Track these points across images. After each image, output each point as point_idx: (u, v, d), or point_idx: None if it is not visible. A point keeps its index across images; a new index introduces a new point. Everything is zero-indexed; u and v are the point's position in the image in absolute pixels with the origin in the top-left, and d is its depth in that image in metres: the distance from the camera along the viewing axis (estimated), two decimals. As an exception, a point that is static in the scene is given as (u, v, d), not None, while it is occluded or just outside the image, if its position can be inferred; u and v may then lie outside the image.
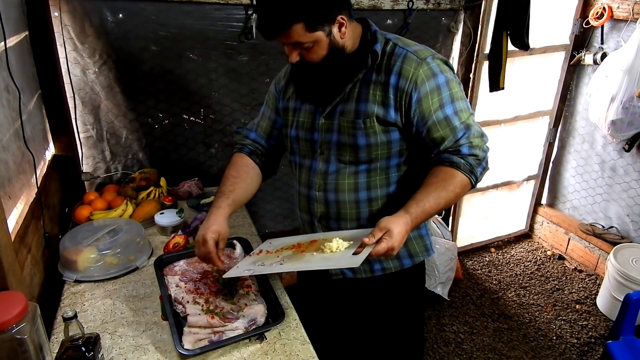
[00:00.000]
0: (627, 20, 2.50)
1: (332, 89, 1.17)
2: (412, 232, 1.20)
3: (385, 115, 1.13)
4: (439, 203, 1.08)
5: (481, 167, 1.12)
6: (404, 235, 1.04)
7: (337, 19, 1.06)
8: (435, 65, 1.12)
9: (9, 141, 1.32)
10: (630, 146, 2.57)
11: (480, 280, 2.92)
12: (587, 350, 2.36)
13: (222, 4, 1.94)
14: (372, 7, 2.20)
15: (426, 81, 1.10)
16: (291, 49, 1.09)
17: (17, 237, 1.23)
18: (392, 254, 1.04)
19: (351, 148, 1.17)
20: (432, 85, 1.10)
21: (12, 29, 1.44)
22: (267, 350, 1.14)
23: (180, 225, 1.71)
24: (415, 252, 1.30)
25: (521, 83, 2.84)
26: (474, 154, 1.11)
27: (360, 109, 1.14)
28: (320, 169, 1.23)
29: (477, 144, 1.12)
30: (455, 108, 1.11)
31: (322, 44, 1.07)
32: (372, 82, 1.14)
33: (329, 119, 1.19)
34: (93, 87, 1.91)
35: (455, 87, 1.13)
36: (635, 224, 2.75)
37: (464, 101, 1.14)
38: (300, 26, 1.02)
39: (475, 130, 1.12)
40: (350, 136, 1.16)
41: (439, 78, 1.10)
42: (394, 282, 1.32)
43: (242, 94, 2.19)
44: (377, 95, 1.13)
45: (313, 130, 1.23)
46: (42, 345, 0.94)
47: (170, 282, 1.31)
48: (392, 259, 1.28)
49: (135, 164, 2.13)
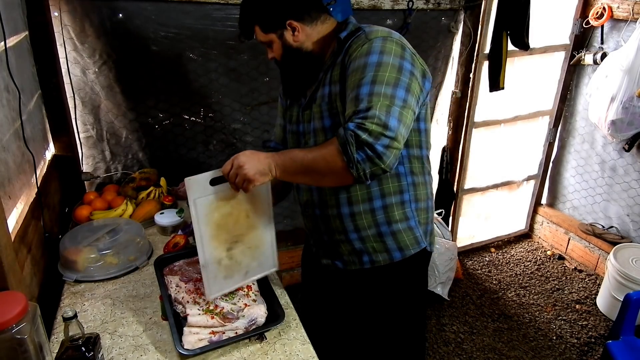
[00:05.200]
0: (627, 20, 2.50)
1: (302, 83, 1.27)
2: (399, 224, 1.24)
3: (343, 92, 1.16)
4: (306, 156, 1.06)
5: (362, 153, 0.98)
6: (252, 160, 1.05)
7: (287, 24, 1.18)
8: (378, 45, 1.08)
9: (9, 141, 1.32)
10: (630, 146, 2.57)
11: (480, 280, 2.92)
12: (587, 350, 2.36)
13: (222, 4, 1.94)
14: (372, 7, 2.20)
15: (358, 58, 1.09)
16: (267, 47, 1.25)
17: (17, 237, 1.23)
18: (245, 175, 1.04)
19: (323, 132, 1.22)
20: (361, 62, 1.07)
21: (12, 29, 1.44)
22: (267, 350, 1.14)
23: (180, 225, 1.71)
24: (405, 244, 1.27)
25: (521, 83, 2.84)
26: (355, 132, 0.98)
27: (325, 92, 1.21)
28: None
29: (369, 128, 0.97)
30: (372, 90, 1.02)
31: (276, 44, 1.22)
32: (335, 64, 1.20)
33: (307, 109, 1.26)
34: (93, 87, 1.91)
35: (388, 71, 1.04)
36: (635, 224, 2.75)
37: (392, 88, 1.02)
38: (257, 28, 1.21)
39: (378, 117, 0.98)
40: (320, 120, 1.22)
41: (372, 57, 1.06)
42: (386, 275, 1.31)
43: (242, 94, 2.19)
44: (334, 74, 1.19)
45: (298, 122, 1.31)
46: (42, 345, 0.94)
47: (170, 282, 1.31)
48: (380, 252, 1.26)
49: (135, 164, 2.13)
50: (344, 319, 1.46)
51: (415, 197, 1.26)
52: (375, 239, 1.26)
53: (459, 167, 2.89)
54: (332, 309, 1.49)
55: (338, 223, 1.27)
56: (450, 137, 2.83)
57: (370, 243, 1.27)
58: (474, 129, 2.80)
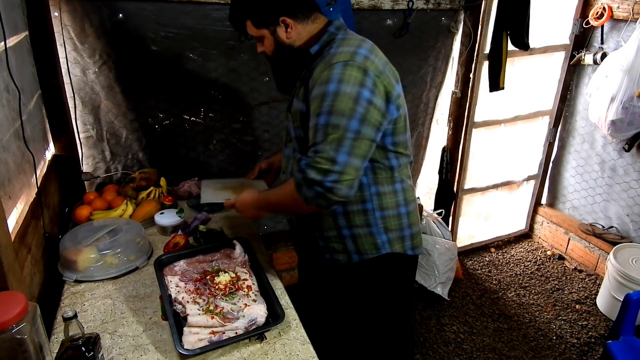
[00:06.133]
0: (627, 20, 2.50)
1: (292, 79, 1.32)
2: (360, 229, 1.30)
3: (301, 109, 1.22)
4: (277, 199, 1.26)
5: (312, 191, 1.06)
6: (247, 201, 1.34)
7: (280, 20, 1.19)
8: (338, 72, 1.09)
9: (9, 141, 1.32)
10: (630, 146, 2.57)
11: (480, 280, 2.92)
12: (587, 350, 2.36)
13: (222, 4, 1.94)
14: (372, 7, 2.19)
15: (319, 85, 1.12)
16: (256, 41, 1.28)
17: (17, 237, 1.23)
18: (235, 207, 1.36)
19: (292, 138, 1.32)
20: (321, 90, 1.10)
21: (12, 29, 1.44)
22: (267, 350, 1.14)
23: (180, 225, 1.71)
24: (363, 248, 1.32)
25: (521, 83, 2.84)
26: (304, 171, 1.06)
27: (294, 104, 1.28)
28: (287, 154, 1.39)
29: (317, 166, 1.04)
30: (328, 120, 1.06)
31: (268, 40, 1.23)
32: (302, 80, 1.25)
33: (287, 112, 1.34)
34: (93, 87, 1.91)
35: (344, 102, 1.06)
36: (635, 224, 2.75)
37: (346, 119, 1.06)
38: (249, 22, 1.23)
39: (327, 152, 1.04)
40: (290, 128, 1.32)
41: (330, 86, 1.08)
42: (347, 274, 1.39)
43: (242, 94, 2.19)
44: (300, 92, 1.25)
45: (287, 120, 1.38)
46: (42, 345, 0.94)
47: (170, 282, 1.31)
48: (340, 252, 1.36)
49: (135, 164, 2.13)
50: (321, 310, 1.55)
51: (380, 206, 1.29)
52: (336, 240, 1.34)
53: (459, 167, 2.89)
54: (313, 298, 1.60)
55: (304, 221, 1.40)
56: (450, 137, 2.83)
57: (332, 243, 1.35)
58: (474, 129, 2.80)
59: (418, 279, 2.65)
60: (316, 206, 1.11)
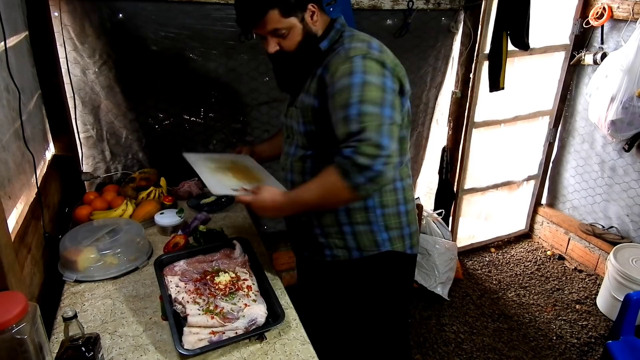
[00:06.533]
0: (627, 20, 2.50)
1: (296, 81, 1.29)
2: (360, 226, 1.31)
3: (313, 104, 1.21)
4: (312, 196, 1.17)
5: (362, 177, 1.06)
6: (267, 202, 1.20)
7: (309, 6, 1.16)
8: (360, 65, 1.11)
9: (9, 141, 1.32)
10: (630, 146, 2.57)
11: (480, 280, 2.92)
12: (587, 350, 2.36)
13: (222, 4, 1.94)
14: (372, 7, 2.19)
15: (341, 78, 1.11)
16: (269, 38, 1.18)
17: (17, 237, 1.23)
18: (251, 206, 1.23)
19: (298, 134, 1.30)
20: (345, 82, 1.10)
21: (12, 29, 1.44)
22: (267, 350, 1.14)
23: (180, 225, 1.71)
24: (363, 245, 1.33)
25: (521, 83, 2.84)
26: (352, 158, 1.05)
27: (301, 99, 1.26)
28: (286, 151, 1.38)
29: (365, 152, 1.05)
30: (360, 110, 1.07)
31: (296, 29, 1.17)
32: (313, 75, 1.23)
33: (292, 107, 1.32)
34: (93, 87, 1.91)
35: (373, 90, 1.09)
36: (635, 224, 2.75)
37: (379, 107, 1.08)
38: (275, 12, 1.12)
39: (371, 138, 1.05)
40: (297, 124, 1.28)
41: (355, 77, 1.09)
42: (346, 270, 1.39)
43: (242, 94, 2.19)
44: (311, 87, 1.22)
45: (286, 117, 1.36)
46: (42, 345, 0.94)
47: (170, 282, 1.31)
48: (340, 248, 1.35)
49: (135, 164, 2.13)
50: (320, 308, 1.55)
51: (382, 204, 1.30)
52: (337, 236, 1.34)
53: (459, 167, 2.89)
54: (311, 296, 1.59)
55: (305, 218, 1.38)
56: (450, 137, 2.83)
57: (332, 239, 1.35)
58: (474, 129, 2.80)
59: (418, 279, 2.65)
60: (364, 193, 1.09)
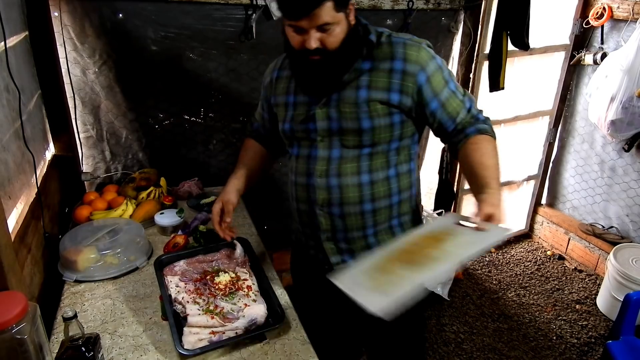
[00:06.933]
0: (627, 20, 2.50)
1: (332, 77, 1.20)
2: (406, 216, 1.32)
3: (388, 99, 1.19)
4: (498, 169, 1.27)
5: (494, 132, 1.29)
6: (501, 205, 1.18)
7: (349, 4, 1.15)
8: (430, 50, 1.23)
9: (9, 141, 1.32)
10: (630, 146, 2.57)
11: (480, 280, 2.92)
12: (587, 350, 2.36)
13: (222, 4, 1.94)
14: (372, 7, 2.20)
15: (429, 62, 1.19)
16: (311, 33, 1.09)
17: (17, 237, 1.23)
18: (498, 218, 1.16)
19: (355, 132, 1.21)
20: (435, 65, 1.20)
21: (12, 29, 1.44)
22: (267, 350, 1.14)
23: (180, 225, 1.71)
24: None
25: (521, 83, 2.84)
26: (486, 117, 1.28)
27: (361, 95, 1.19)
28: (322, 155, 1.25)
29: (480, 109, 1.29)
30: (454, 84, 1.24)
31: (343, 26, 1.13)
32: (371, 70, 1.20)
33: (324, 108, 1.23)
34: (93, 87, 1.91)
35: (446, 67, 1.25)
36: (635, 224, 2.75)
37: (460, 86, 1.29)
38: (330, 5, 1.07)
39: (473, 101, 1.28)
40: (354, 120, 1.20)
41: (437, 59, 1.22)
42: None
43: (242, 93, 2.19)
44: (380, 81, 1.19)
45: (307, 121, 1.25)
46: (42, 345, 0.94)
47: (170, 282, 1.31)
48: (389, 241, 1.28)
49: (135, 164, 2.13)
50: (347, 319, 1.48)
51: (417, 192, 1.36)
52: (387, 232, 1.30)
53: (459, 167, 2.89)
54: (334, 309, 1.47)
55: (359, 219, 1.26)
56: (450, 137, 2.82)
57: (382, 236, 1.30)
58: (474, 129, 2.79)
59: (418, 279, 2.65)
60: None
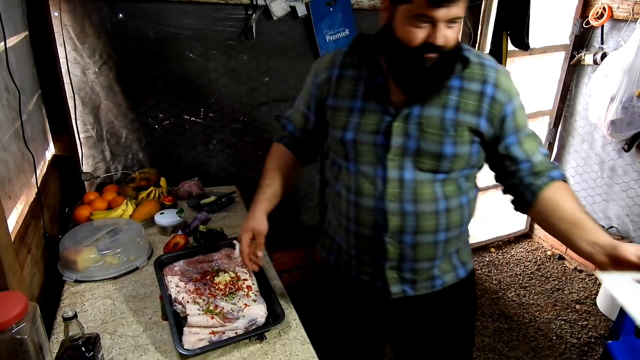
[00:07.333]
0: (627, 20, 2.50)
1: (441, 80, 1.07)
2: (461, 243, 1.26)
3: (478, 125, 1.08)
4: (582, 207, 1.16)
5: None
6: None
7: None
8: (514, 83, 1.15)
9: (9, 141, 1.32)
10: (630, 146, 2.57)
11: (480, 280, 2.92)
12: (587, 350, 2.36)
13: (222, 4, 1.94)
14: (372, 7, 2.20)
15: (517, 96, 1.12)
16: (440, 26, 0.97)
17: (17, 237, 1.23)
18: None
19: (434, 156, 1.08)
20: (520, 101, 1.13)
21: (12, 29, 1.44)
22: (267, 350, 1.14)
23: (180, 225, 1.71)
24: (465, 260, 1.29)
25: (521, 83, 2.82)
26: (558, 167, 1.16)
27: (448, 117, 1.07)
28: (392, 176, 1.10)
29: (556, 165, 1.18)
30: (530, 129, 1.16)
31: (459, 25, 1.03)
32: (460, 89, 1.07)
33: (403, 123, 1.08)
34: (93, 87, 1.91)
35: None
36: (634, 224, 2.75)
37: None
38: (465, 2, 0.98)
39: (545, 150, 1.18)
40: (436, 144, 1.07)
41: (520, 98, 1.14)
42: (450, 295, 1.26)
43: (242, 94, 2.19)
44: (469, 104, 1.07)
45: (378, 133, 1.10)
46: (42, 345, 0.94)
47: (170, 282, 1.31)
48: (448, 273, 1.23)
49: (135, 164, 2.13)
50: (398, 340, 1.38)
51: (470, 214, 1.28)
52: (447, 262, 1.23)
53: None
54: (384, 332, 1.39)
55: (431, 249, 1.16)
56: (450, 137, 2.82)
57: (443, 266, 1.22)
58: (474, 129, 2.79)
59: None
60: None
